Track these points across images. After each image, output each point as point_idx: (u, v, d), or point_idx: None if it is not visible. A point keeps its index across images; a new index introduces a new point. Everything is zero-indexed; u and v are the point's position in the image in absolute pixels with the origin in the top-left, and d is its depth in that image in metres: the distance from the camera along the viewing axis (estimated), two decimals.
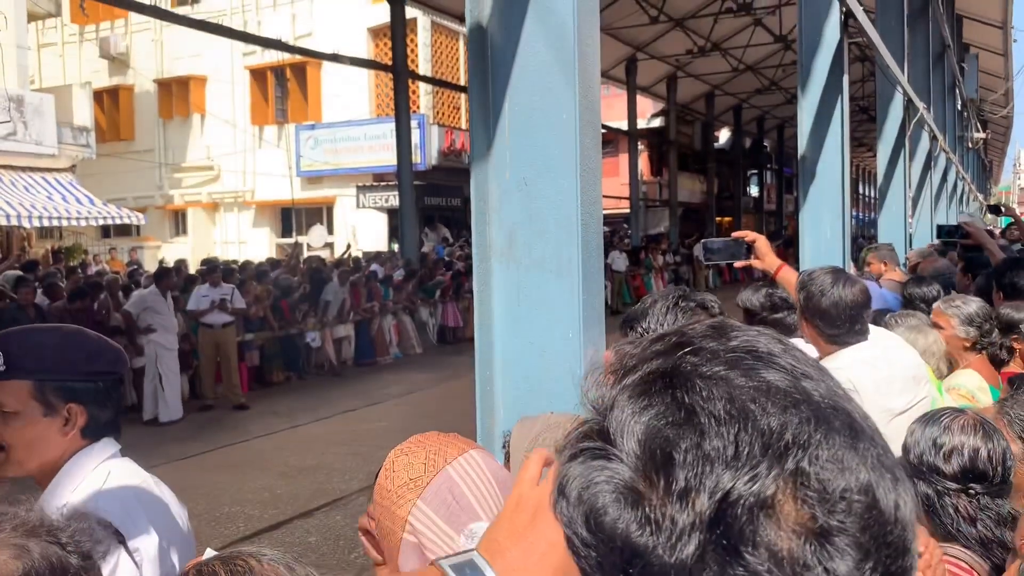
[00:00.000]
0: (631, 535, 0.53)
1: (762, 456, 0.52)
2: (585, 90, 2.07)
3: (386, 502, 1.11)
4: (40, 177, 18.58)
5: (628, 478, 0.54)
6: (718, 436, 0.53)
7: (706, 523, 0.51)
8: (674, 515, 0.52)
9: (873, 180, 36.73)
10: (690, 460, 0.52)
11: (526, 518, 0.76)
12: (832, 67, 5.43)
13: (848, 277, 2.84)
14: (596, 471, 0.55)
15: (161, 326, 10.18)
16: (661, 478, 0.53)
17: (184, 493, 6.50)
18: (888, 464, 0.55)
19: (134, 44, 25.60)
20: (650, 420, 0.55)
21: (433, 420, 8.24)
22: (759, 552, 0.50)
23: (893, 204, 9.05)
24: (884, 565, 0.52)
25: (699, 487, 0.52)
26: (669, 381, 0.56)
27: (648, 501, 0.53)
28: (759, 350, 0.58)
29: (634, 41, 22.56)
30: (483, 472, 1.12)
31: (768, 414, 0.53)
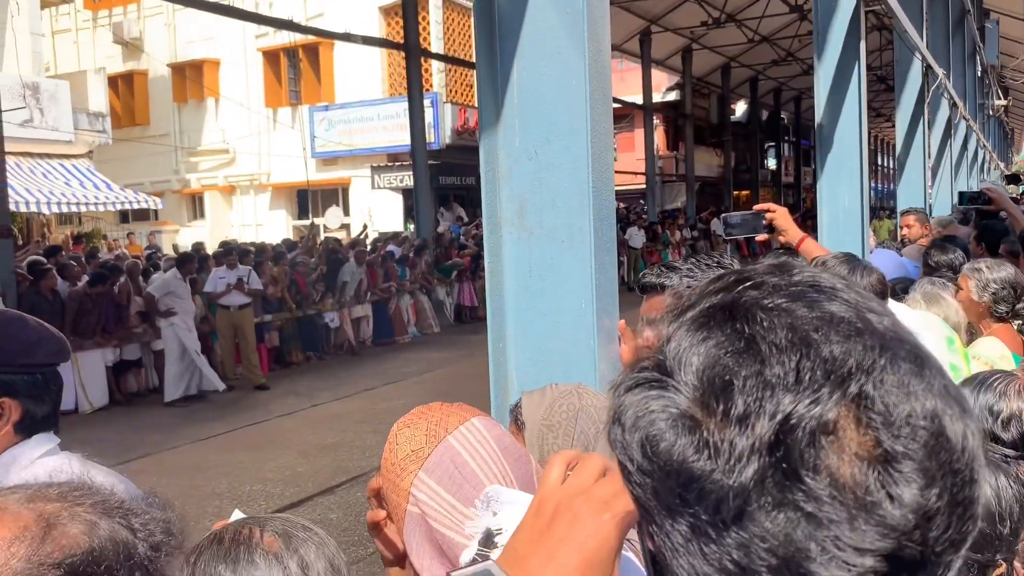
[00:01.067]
0: (688, 460, 0.52)
1: (824, 381, 0.51)
2: (595, 55, 2.03)
3: (390, 475, 1.11)
4: (58, 163, 18.71)
5: (685, 406, 0.53)
6: (779, 363, 0.52)
7: (765, 447, 0.50)
8: (733, 439, 0.51)
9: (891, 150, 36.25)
10: (750, 386, 0.51)
11: (545, 521, 0.75)
12: (848, 35, 5.33)
13: (864, 266, 2.79)
14: (652, 400, 0.54)
15: (182, 309, 10.32)
16: (720, 404, 0.52)
17: (206, 472, 6.58)
18: (955, 394, 0.53)
19: (147, 29, 25.61)
20: (709, 349, 0.54)
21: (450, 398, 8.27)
22: (819, 477, 0.49)
23: (912, 173, 8.93)
24: (951, 493, 0.50)
25: (759, 412, 0.51)
26: (729, 313, 0.55)
27: (706, 427, 0.52)
28: (822, 284, 0.56)
29: (648, 13, 22.31)
30: (486, 440, 1.11)
31: (831, 342, 0.52)
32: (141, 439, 8.61)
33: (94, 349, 10.14)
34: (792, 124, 39.80)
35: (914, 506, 0.49)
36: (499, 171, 2.14)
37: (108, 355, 10.34)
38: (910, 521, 0.49)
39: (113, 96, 23.88)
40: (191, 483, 7.03)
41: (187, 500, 6.59)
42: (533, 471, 1.14)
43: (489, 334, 2.17)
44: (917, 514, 0.49)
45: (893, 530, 0.49)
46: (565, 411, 1.46)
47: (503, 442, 1.12)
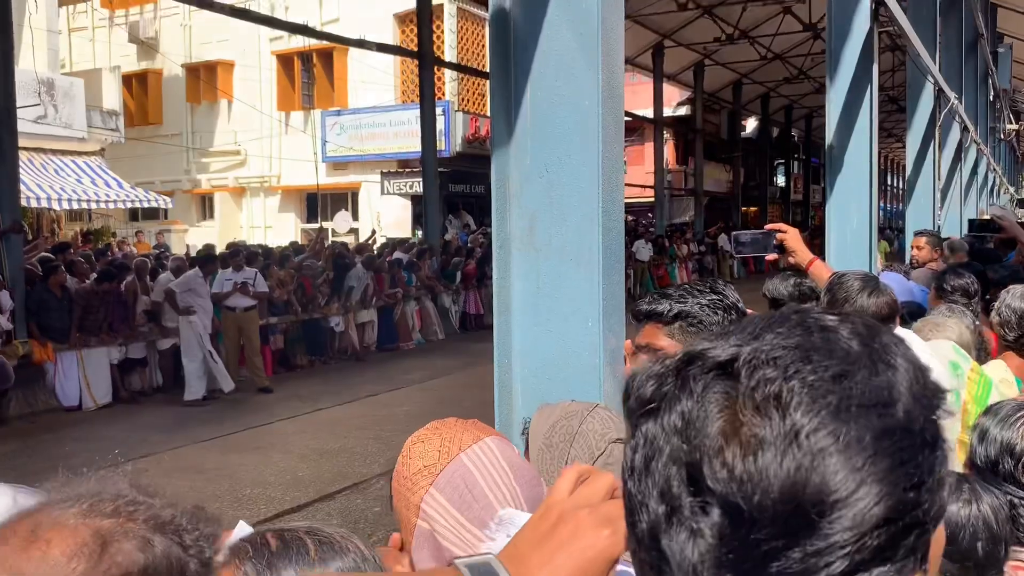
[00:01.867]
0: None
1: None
2: (608, 76, 2.05)
3: (402, 488, 1.12)
4: (70, 160, 18.81)
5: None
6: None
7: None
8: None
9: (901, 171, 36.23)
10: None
11: (548, 526, 0.76)
12: (862, 56, 5.35)
13: (877, 287, 2.78)
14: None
15: (201, 308, 10.38)
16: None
17: (206, 474, 6.58)
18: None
19: (163, 29, 25.76)
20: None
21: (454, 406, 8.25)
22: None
23: (922, 196, 8.93)
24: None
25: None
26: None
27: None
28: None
29: (661, 28, 22.36)
30: (498, 460, 1.11)
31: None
32: (143, 438, 8.63)
33: (99, 347, 10.18)
34: (802, 142, 39.78)
35: None
36: (510, 188, 2.16)
37: (113, 353, 10.37)
38: None
39: (127, 95, 24.01)
40: (191, 484, 7.04)
41: (186, 502, 6.58)
42: (544, 494, 1.15)
43: (495, 348, 2.18)
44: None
45: None
46: (563, 433, 1.47)
47: (515, 463, 1.13)
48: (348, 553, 1.00)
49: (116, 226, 22.54)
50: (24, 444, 8.35)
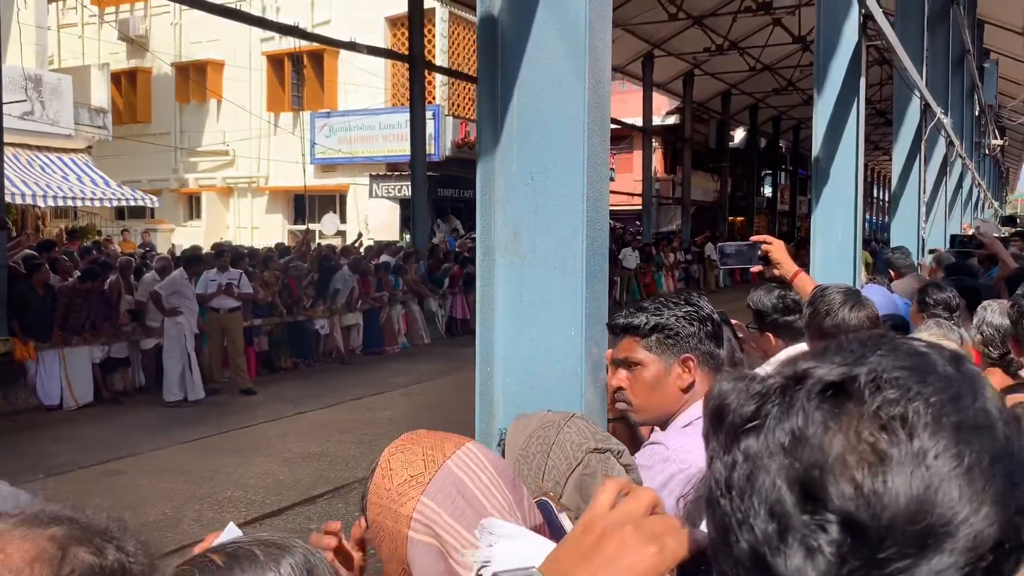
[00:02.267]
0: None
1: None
2: (595, 85, 2.05)
3: (386, 501, 1.10)
4: (56, 157, 18.69)
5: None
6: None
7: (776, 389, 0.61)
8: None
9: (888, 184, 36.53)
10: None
11: (592, 540, 0.76)
12: (849, 69, 5.37)
13: (859, 300, 2.80)
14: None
15: (188, 309, 10.32)
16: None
17: (188, 475, 6.52)
18: None
19: (153, 27, 25.67)
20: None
21: (438, 411, 8.26)
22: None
23: (906, 209, 8.98)
24: None
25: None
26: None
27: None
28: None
29: (651, 37, 22.46)
30: (484, 464, 1.11)
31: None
32: (124, 439, 8.56)
33: (82, 345, 10.10)
34: (790, 153, 40.03)
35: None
36: (495, 195, 2.15)
37: (96, 352, 10.29)
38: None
39: (115, 92, 23.89)
40: (172, 486, 6.99)
41: (166, 503, 6.55)
42: (524, 496, 1.15)
43: (477, 357, 2.17)
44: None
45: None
46: (540, 443, 1.46)
47: (498, 466, 1.13)
48: (295, 550, 1.00)
49: (102, 224, 22.42)
50: (3, 443, 8.27)
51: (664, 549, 0.74)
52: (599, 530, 0.76)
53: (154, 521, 6.18)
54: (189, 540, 5.75)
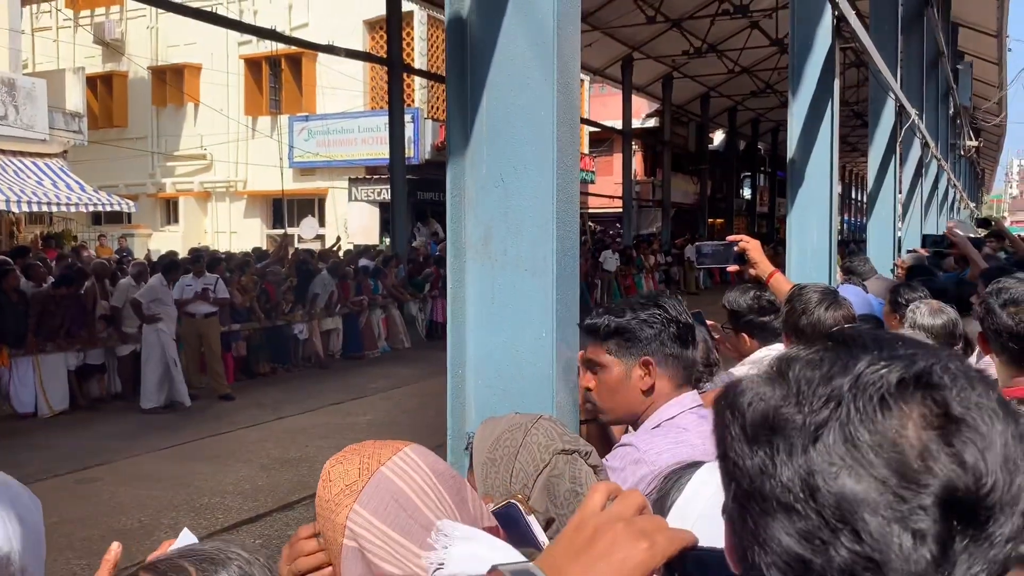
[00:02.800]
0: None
1: (893, 358, 0.65)
2: (564, 87, 2.04)
3: (325, 511, 1.10)
4: (31, 162, 18.46)
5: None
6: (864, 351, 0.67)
7: (838, 397, 0.63)
8: (815, 390, 0.64)
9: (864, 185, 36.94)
10: (837, 359, 0.67)
11: (585, 538, 0.78)
12: (823, 72, 5.41)
13: (835, 300, 2.81)
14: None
15: (167, 315, 10.22)
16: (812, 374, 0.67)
17: (165, 483, 6.45)
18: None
19: (129, 30, 25.47)
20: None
21: (417, 415, 8.23)
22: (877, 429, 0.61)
23: (882, 210, 9.06)
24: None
25: (839, 373, 0.65)
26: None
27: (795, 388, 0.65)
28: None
29: (630, 40, 22.53)
30: (419, 467, 1.10)
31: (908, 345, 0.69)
32: (100, 446, 8.47)
33: (57, 352, 9.98)
34: (769, 155, 40.28)
35: (960, 472, 0.59)
36: (465, 197, 2.14)
37: (71, 359, 10.18)
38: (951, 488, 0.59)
39: (91, 97, 23.66)
40: (148, 493, 6.92)
41: (143, 511, 6.48)
42: (468, 496, 1.14)
43: (448, 360, 2.16)
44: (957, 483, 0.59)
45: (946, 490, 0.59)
46: (507, 447, 1.45)
47: (437, 468, 1.12)
48: (231, 562, 0.98)
49: (78, 230, 22.17)
50: None
51: (654, 545, 0.76)
52: (591, 528, 0.78)
53: (130, 529, 6.11)
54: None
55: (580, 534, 0.79)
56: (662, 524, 0.79)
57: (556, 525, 1.42)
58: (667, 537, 0.77)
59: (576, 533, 0.79)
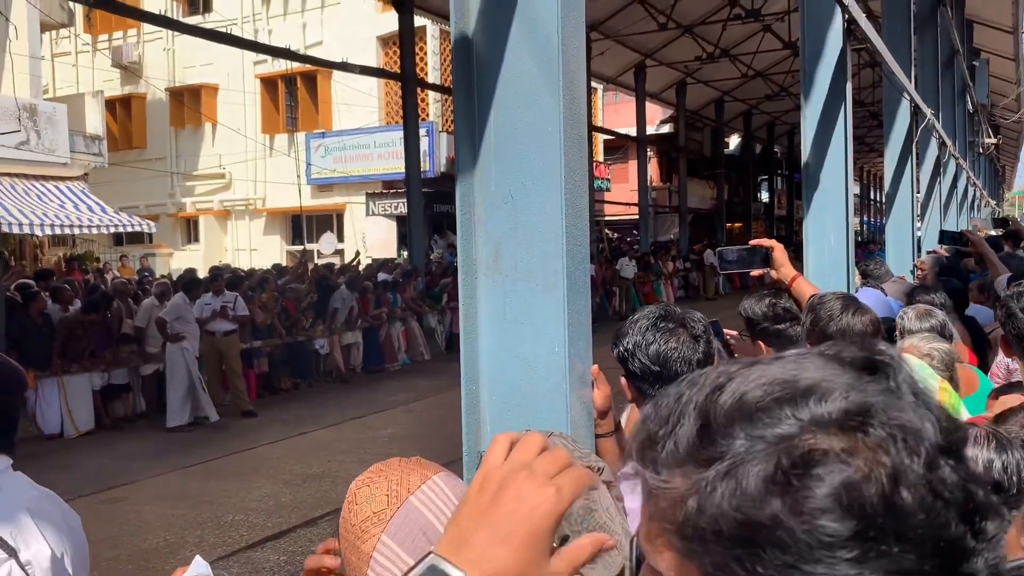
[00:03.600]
0: None
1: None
2: (570, 102, 2.06)
3: (350, 536, 1.09)
4: (53, 185, 18.70)
5: None
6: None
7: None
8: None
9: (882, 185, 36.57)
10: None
11: (489, 496, 0.74)
12: (835, 74, 5.39)
13: (859, 306, 2.79)
14: None
15: (190, 333, 10.33)
16: None
17: (190, 500, 6.51)
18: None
19: (146, 53, 25.80)
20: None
21: (439, 428, 8.22)
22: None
23: (900, 210, 9.00)
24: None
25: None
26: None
27: None
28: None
29: (643, 48, 22.56)
30: (448, 498, 1.10)
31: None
32: (125, 465, 8.55)
33: (81, 373, 10.10)
34: (785, 158, 40.11)
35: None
36: (475, 214, 2.16)
37: (96, 379, 10.29)
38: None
39: (110, 119, 23.97)
40: (173, 512, 6.98)
41: (168, 530, 6.54)
42: None
43: (462, 376, 2.17)
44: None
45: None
46: None
47: None
48: None
49: (100, 251, 22.44)
50: None
51: (561, 489, 0.74)
52: (494, 484, 0.75)
53: (155, 548, 6.17)
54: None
55: (484, 493, 0.75)
56: (565, 461, 0.75)
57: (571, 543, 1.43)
58: (571, 478, 0.74)
59: (480, 493, 0.75)
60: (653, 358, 1.90)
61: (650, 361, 1.89)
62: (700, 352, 1.92)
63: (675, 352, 1.90)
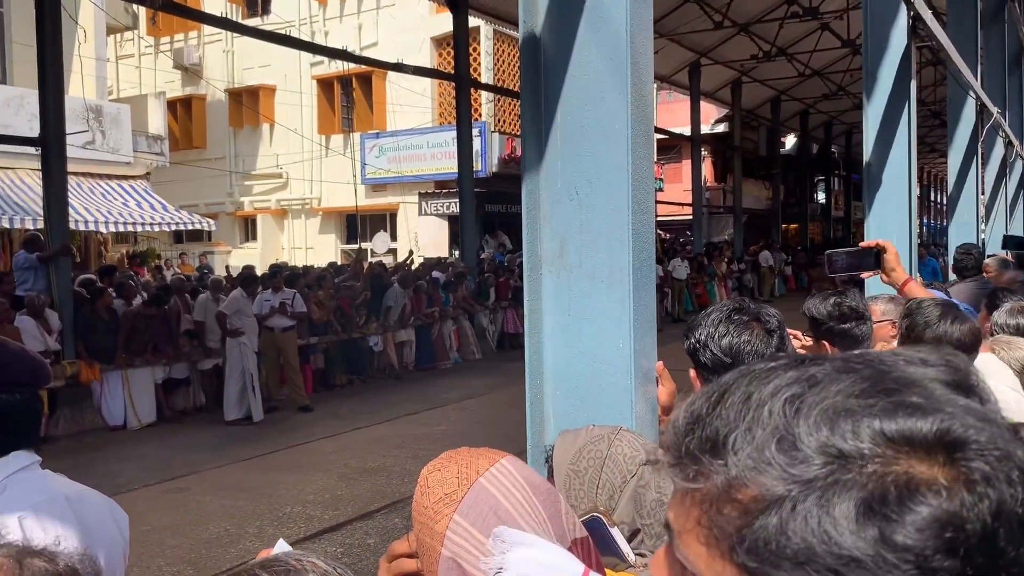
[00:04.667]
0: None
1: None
2: (638, 100, 2.07)
3: (423, 518, 1.13)
4: (117, 184, 19.25)
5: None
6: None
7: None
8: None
9: (945, 187, 35.63)
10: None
11: None
12: (899, 73, 5.30)
13: (958, 314, 2.73)
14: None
15: (248, 329, 10.54)
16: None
17: (249, 492, 6.65)
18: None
19: (206, 55, 26.36)
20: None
21: (491, 425, 8.29)
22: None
23: (964, 212, 8.79)
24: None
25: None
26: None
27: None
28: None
29: (698, 47, 22.34)
30: (517, 480, 1.13)
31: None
32: (185, 457, 8.77)
33: (144, 367, 10.38)
34: (843, 158, 39.35)
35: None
36: (540, 211, 2.18)
37: (157, 373, 10.57)
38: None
39: (172, 120, 24.56)
40: (233, 503, 7.14)
41: (228, 520, 6.69)
42: (562, 509, 1.17)
43: (527, 372, 2.20)
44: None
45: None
46: (592, 458, 1.48)
47: (533, 481, 1.15)
48: (307, 573, 1.02)
49: (161, 248, 23.00)
50: (71, 462, 8.52)
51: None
52: None
53: (216, 537, 6.32)
54: (250, 556, 5.86)
55: None
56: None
57: (642, 535, 1.44)
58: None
59: None
60: (725, 350, 1.88)
61: (722, 353, 1.87)
62: (773, 346, 1.89)
63: (748, 345, 1.88)
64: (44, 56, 10.18)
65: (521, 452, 2.20)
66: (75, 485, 1.76)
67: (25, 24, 13.85)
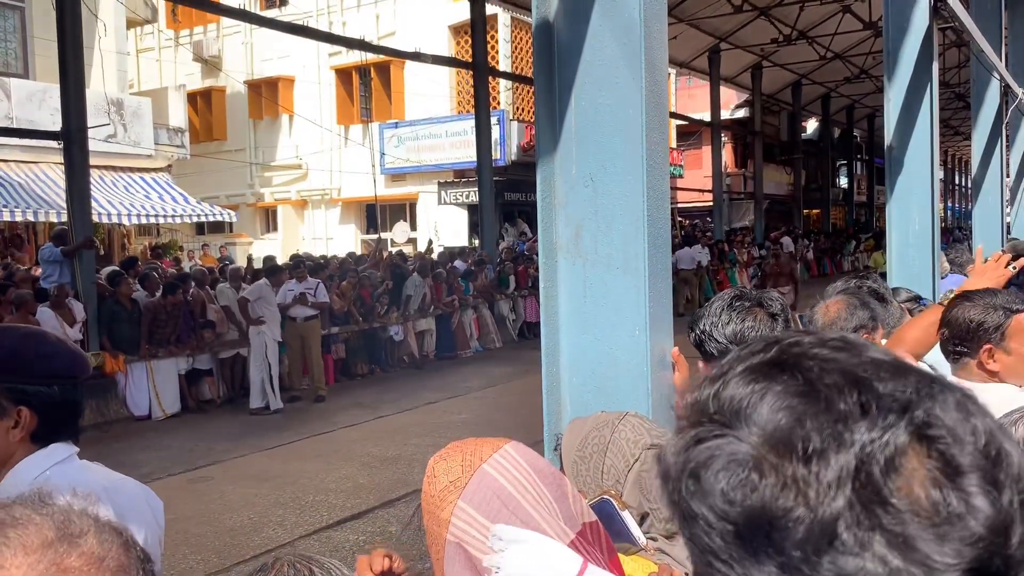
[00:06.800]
0: (773, 500, 0.53)
1: (890, 410, 0.54)
2: (652, 85, 2.06)
3: (430, 507, 1.15)
4: (138, 176, 19.42)
5: (755, 452, 0.55)
6: (843, 401, 0.55)
7: (850, 477, 0.52)
8: (818, 473, 0.53)
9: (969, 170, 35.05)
10: (822, 423, 0.54)
11: None
12: (921, 54, 5.23)
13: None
14: (724, 449, 0.56)
15: (270, 318, 10.61)
16: (795, 443, 0.54)
17: (271, 481, 6.70)
18: (1002, 425, 0.57)
19: (225, 47, 26.46)
20: (769, 396, 0.57)
21: (511, 413, 8.29)
22: (901, 499, 0.52)
23: (989, 195, 8.67)
24: (1020, 498, 0.53)
25: (838, 445, 0.53)
26: (778, 366, 0.59)
27: (783, 467, 0.54)
28: (854, 341, 0.61)
29: (716, 31, 22.15)
30: (519, 464, 1.14)
31: (883, 379, 0.56)
32: (210, 446, 8.86)
33: (168, 358, 10.48)
34: (865, 142, 38.95)
35: (991, 514, 0.52)
36: (555, 197, 2.18)
37: (181, 363, 10.67)
38: (990, 530, 0.51)
39: (192, 112, 24.69)
40: (256, 491, 7.20)
41: (251, 509, 6.76)
42: (569, 492, 1.17)
43: (543, 358, 2.20)
44: (995, 522, 0.52)
45: (978, 541, 0.51)
46: (596, 444, 1.48)
47: (537, 466, 1.16)
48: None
49: (183, 240, 23.18)
50: (97, 452, 8.60)
51: None
52: None
53: (240, 526, 6.38)
54: (273, 544, 5.92)
55: None
56: None
57: (651, 519, 1.44)
58: None
59: None
60: (730, 337, 1.87)
61: (727, 340, 1.86)
62: (778, 330, 1.88)
63: (752, 331, 1.87)
64: (65, 51, 10.26)
65: (540, 440, 2.21)
66: (113, 475, 1.80)
67: (46, 19, 13.99)
